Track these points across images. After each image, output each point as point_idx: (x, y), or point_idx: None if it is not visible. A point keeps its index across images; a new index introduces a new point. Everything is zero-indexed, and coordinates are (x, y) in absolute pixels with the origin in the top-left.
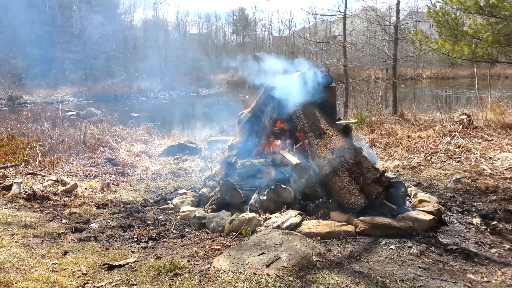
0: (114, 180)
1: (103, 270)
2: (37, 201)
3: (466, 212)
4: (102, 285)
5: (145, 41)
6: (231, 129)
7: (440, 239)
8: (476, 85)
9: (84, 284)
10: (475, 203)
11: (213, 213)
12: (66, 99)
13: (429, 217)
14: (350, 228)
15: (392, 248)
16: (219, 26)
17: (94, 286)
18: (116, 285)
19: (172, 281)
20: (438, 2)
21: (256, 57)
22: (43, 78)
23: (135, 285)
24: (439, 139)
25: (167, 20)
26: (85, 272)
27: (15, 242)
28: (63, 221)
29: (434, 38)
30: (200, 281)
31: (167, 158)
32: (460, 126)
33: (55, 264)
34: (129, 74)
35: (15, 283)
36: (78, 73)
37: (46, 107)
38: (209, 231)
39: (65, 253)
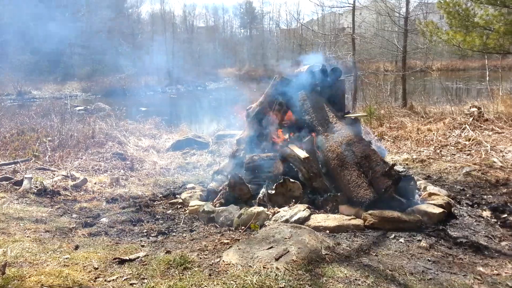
0: (123, 175)
1: (114, 264)
2: (48, 196)
3: (476, 205)
4: (113, 279)
5: (152, 35)
6: (239, 123)
7: (449, 232)
8: (487, 77)
9: (96, 278)
10: (485, 196)
11: (222, 208)
12: (74, 94)
13: (438, 210)
14: (359, 221)
15: (401, 242)
16: (226, 19)
17: (105, 280)
18: (127, 279)
19: (182, 275)
20: None
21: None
22: (51, 73)
23: (146, 279)
24: (449, 132)
25: (174, 14)
26: (96, 266)
27: (27, 236)
28: (74, 215)
29: (445, 30)
30: (210, 274)
31: (175, 152)
32: (471, 119)
33: (66, 258)
34: (137, 69)
35: (29, 277)
36: (86, 68)
37: (55, 102)
38: (218, 225)
39: (76, 247)
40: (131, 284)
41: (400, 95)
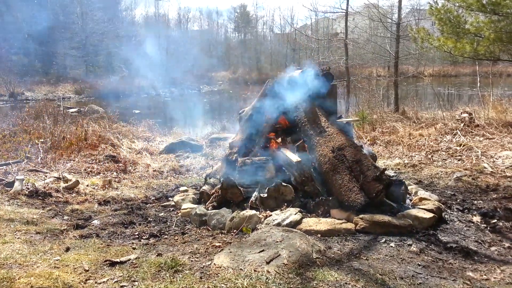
0: (115, 177)
1: (104, 267)
2: (39, 197)
3: (466, 210)
4: (103, 281)
5: (147, 37)
6: (232, 127)
7: (440, 237)
8: (478, 83)
9: (86, 280)
10: (475, 201)
11: (214, 211)
12: (67, 96)
13: (429, 215)
14: (350, 225)
15: (392, 246)
16: (220, 23)
17: (96, 282)
18: (117, 281)
19: (173, 278)
20: None
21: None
22: (44, 74)
23: (137, 281)
24: (440, 137)
25: (168, 17)
26: (87, 268)
27: (18, 238)
28: (65, 217)
29: (436, 36)
30: (200, 277)
31: (169, 155)
32: (462, 124)
33: (57, 260)
34: (130, 71)
35: (18, 279)
36: (80, 70)
37: (48, 103)
38: (210, 228)
39: (67, 249)
40: (122, 287)
41: (392, 100)
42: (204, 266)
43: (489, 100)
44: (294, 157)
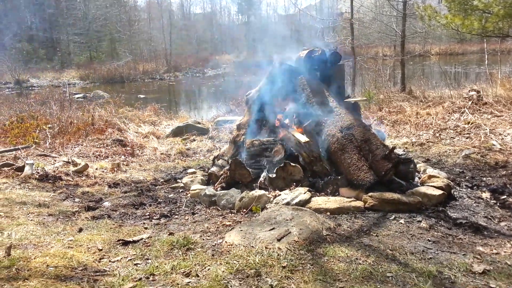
0: (124, 161)
1: (118, 246)
2: (50, 181)
3: (475, 187)
4: (117, 260)
5: (149, 22)
6: (238, 109)
7: (449, 213)
8: (486, 61)
9: (100, 259)
10: (484, 178)
11: (223, 191)
12: (72, 82)
13: (438, 192)
14: (359, 203)
15: (401, 223)
16: (223, 5)
17: (110, 261)
18: (131, 259)
19: (186, 255)
20: None
21: None
22: (49, 61)
23: (150, 259)
24: (448, 116)
25: (170, 0)
26: (101, 248)
27: (31, 220)
28: (76, 200)
29: (443, 13)
30: (213, 255)
31: (175, 138)
32: (470, 102)
33: (70, 240)
34: (134, 56)
35: (34, 259)
36: (84, 56)
37: (53, 90)
38: (219, 208)
39: (80, 230)
40: (136, 264)
41: (399, 79)
42: (215, 244)
43: (497, 78)
44: (302, 137)
